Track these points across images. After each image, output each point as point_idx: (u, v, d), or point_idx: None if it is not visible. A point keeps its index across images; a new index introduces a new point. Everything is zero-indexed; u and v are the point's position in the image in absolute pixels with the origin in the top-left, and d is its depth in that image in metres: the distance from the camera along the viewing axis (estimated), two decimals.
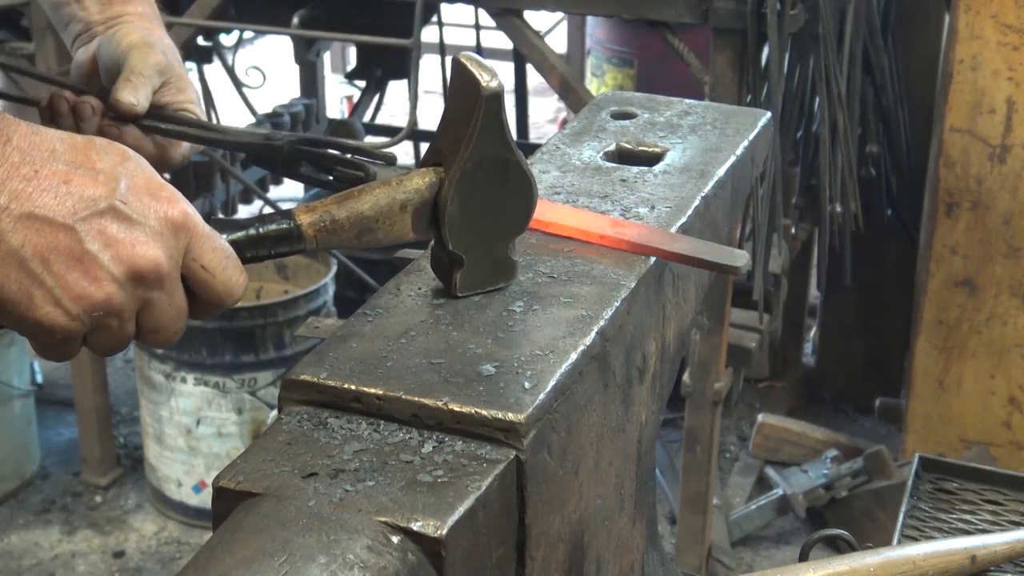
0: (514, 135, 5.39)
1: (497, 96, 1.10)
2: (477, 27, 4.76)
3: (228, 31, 3.98)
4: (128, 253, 0.96)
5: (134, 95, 1.34)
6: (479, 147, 1.12)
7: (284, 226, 1.09)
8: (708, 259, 1.24)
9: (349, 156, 1.33)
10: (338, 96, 6.40)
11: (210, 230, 1.03)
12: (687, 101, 1.63)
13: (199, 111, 1.41)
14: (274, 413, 1.03)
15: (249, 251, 1.08)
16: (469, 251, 1.15)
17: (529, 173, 1.15)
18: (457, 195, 1.12)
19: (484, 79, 1.10)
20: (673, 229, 1.29)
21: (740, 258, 1.24)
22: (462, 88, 1.12)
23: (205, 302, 1.04)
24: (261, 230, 1.08)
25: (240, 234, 1.07)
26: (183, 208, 1.00)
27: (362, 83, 4.63)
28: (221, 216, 4.23)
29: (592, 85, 4.81)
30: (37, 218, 0.94)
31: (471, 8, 3.47)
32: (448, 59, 5.13)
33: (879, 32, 3.60)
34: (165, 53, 1.39)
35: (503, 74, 1.20)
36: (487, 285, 1.16)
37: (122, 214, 0.96)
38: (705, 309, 2.98)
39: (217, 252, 1.02)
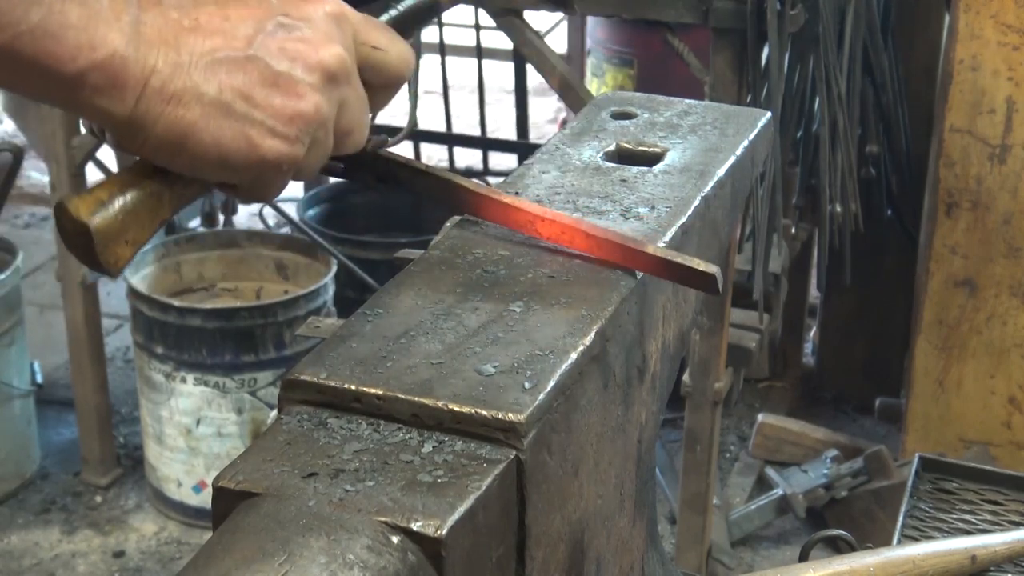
0: (514, 135, 5.39)
1: None
2: (477, 27, 4.76)
3: None
4: (315, 59, 0.96)
5: None
6: None
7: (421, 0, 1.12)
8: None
9: None
10: None
11: (363, 14, 1.04)
12: (687, 101, 1.63)
13: None
14: (274, 413, 1.03)
15: (396, 29, 1.09)
16: None
17: None
18: None
19: None
20: (673, 229, 1.29)
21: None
22: None
23: (382, 84, 1.05)
24: (401, 8, 1.11)
25: (384, 17, 1.10)
26: (336, 1, 1.01)
27: None
28: None
29: (592, 85, 4.81)
30: (220, 61, 0.93)
31: (471, 8, 3.47)
32: (448, 59, 5.13)
33: (879, 32, 3.60)
34: None
35: (503, 74, 1.21)
36: None
37: (289, 26, 0.97)
38: (705, 309, 2.98)
39: (381, 29, 1.04)
